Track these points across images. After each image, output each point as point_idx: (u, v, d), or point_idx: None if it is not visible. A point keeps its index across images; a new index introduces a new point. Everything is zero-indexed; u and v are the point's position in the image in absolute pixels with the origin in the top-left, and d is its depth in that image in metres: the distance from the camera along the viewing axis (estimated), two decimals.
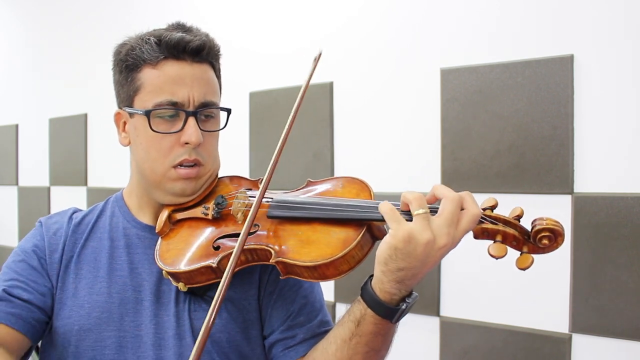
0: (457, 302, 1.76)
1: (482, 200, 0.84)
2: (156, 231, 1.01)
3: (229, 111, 1.04)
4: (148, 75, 0.97)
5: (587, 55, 1.53)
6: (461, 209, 0.79)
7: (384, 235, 0.89)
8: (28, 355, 1.00)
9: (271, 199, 0.96)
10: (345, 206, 0.88)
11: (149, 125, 0.96)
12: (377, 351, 0.87)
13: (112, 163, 2.71)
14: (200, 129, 0.97)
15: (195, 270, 0.92)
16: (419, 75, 1.82)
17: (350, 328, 0.86)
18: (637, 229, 1.46)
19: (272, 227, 0.93)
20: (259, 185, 1.05)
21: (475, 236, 0.82)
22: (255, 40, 2.23)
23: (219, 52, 1.04)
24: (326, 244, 0.86)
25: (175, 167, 0.98)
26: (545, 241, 0.79)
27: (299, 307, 1.00)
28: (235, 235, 0.94)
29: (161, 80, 0.96)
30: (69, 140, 2.97)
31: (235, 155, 2.21)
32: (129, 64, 0.98)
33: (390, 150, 1.89)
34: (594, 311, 1.52)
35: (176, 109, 0.96)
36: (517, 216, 0.82)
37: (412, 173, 1.84)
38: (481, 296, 1.71)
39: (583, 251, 1.53)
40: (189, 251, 0.96)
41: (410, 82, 1.84)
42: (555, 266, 1.56)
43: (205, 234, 0.98)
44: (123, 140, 1.05)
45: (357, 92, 1.97)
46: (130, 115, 1.00)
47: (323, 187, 0.98)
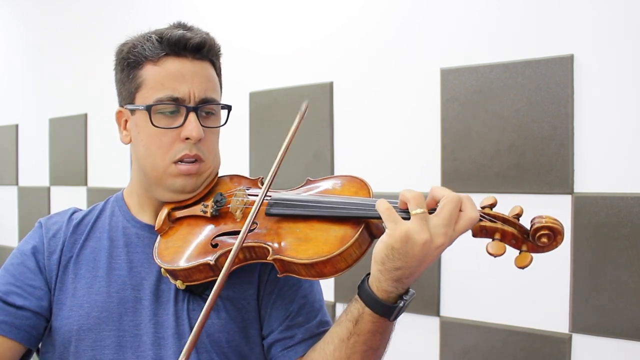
0: (457, 302, 1.76)
1: (482, 200, 0.84)
2: (155, 229, 1.01)
3: (229, 108, 1.04)
4: (149, 72, 0.97)
5: (587, 55, 1.53)
6: (459, 210, 0.79)
7: (382, 233, 0.89)
8: (28, 358, 1.00)
9: (270, 197, 0.96)
10: (343, 204, 0.88)
11: (150, 120, 0.96)
12: (375, 350, 0.87)
13: (112, 163, 2.71)
14: (201, 125, 0.97)
15: (193, 267, 0.92)
16: (419, 75, 1.82)
17: (348, 327, 0.85)
18: (637, 229, 1.46)
19: (271, 225, 0.93)
20: (259, 184, 1.05)
21: (474, 234, 0.82)
22: (255, 40, 2.23)
23: (220, 51, 1.05)
24: (324, 241, 0.86)
25: (175, 163, 0.98)
26: (544, 239, 0.78)
27: (298, 307, 1.00)
28: (234, 233, 0.94)
29: (162, 76, 0.96)
30: (69, 140, 2.97)
31: (235, 155, 2.21)
32: (130, 61, 0.99)
33: (390, 150, 1.89)
34: (594, 311, 1.51)
35: (177, 105, 0.96)
36: (517, 215, 0.81)
37: (412, 173, 1.84)
38: (481, 296, 1.71)
39: (583, 251, 1.53)
40: (187, 249, 0.96)
41: (410, 82, 1.84)
42: (555, 266, 1.56)
43: (203, 231, 0.98)
44: (124, 138, 1.05)
45: (357, 92, 1.97)
46: (132, 112, 1.01)
47: (322, 186, 0.98)
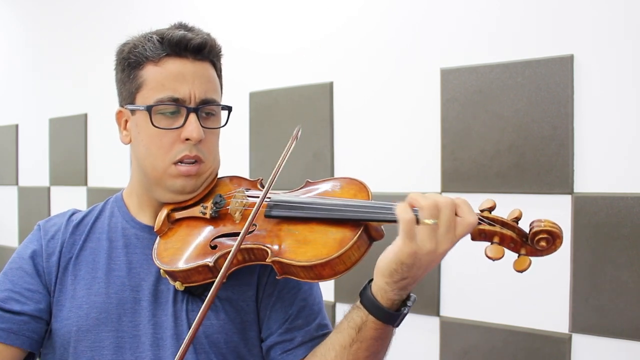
0: (457, 302, 1.76)
1: (482, 201, 0.84)
2: (155, 230, 1.01)
3: (229, 109, 1.04)
4: (150, 72, 0.97)
5: (587, 55, 1.53)
6: (457, 215, 0.78)
7: (381, 236, 0.89)
8: None
9: (269, 198, 0.95)
10: (342, 206, 0.88)
11: (150, 121, 0.96)
12: (377, 354, 0.87)
13: (112, 163, 2.71)
14: (202, 126, 0.97)
15: (192, 269, 0.92)
16: (419, 75, 1.82)
17: (351, 334, 0.86)
18: (637, 229, 1.45)
19: (270, 227, 0.93)
20: (258, 185, 1.05)
21: (473, 238, 0.82)
22: (255, 40, 2.23)
23: (220, 52, 1.05)
24: (322, 244, 0.86)
25: (175, 164, 0.98)
26: (543, 243, 0.78)
27: (297, 310, 1.00)
28: (233, 235, 0.94)
29: (163, 77, 0.96)
30: (69, 140, 2.97)
31: (235, 155, 2.21)
32: (131, 61, 0.99)
33: (390, 150, 1.89)
34: (594, 311, 1.51)
35: (177, 105, 0.96)
36: (516, 218, 0.81)
37: (412, 173, 1.84)
38: (481, 296, 1.71)
39: (583, 251, 1.53)
40: (186, 250, 0.96)
41: (410, 82, 1.84)
42: (555, 266, 1.55)
43: (203, 233, 0.98)
44: (124, 138, 1.05)
45: (357, 92, 1.97)
46: (132, 112, 1.01)
47: (321, 188, 0.98)
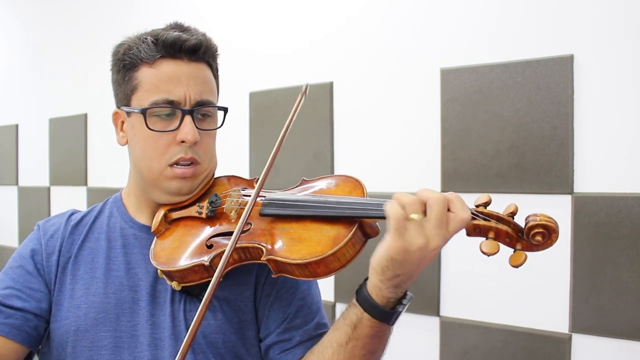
0: (457, 302, 1.75)
1: (476, 198, 0.84)
2: (152, 230, 1.01)
3: (225, 110, 1.04)
4: (145, 74, 0.97)
5: (587, 55, 1.53)
6: (448, 210, 0.78)
7: (376, 232, 0.88)
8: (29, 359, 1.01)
9: (264, 197, 0.95)
10: (337, 204, 0.88)
11: (145, 123, 0.96)
12: (374, 353, 0.87)
13: (112, 163, 2.70)
14: (197, 128, 0.97)
15: (188, 268, 0.92)
16: (419, 75, 1.82)
17: (347, 332, 0.85)
18: (637, 229, 1.45)
19: (265, 225, 0.93)
20: (255, 184, 1.05)
21: (468, 233, 0.81)
22: (255, 40, 2.23)
23: (216, 52, 1.04)
24: (317, 241, 0.86)
25: (171, 166, 0.98)
26: (538, 237, 0.77)
27: (295, 310, 1.00)
28: (229, 234, 0.94)
29: (158, 79, 0.96)
30: (69, 140, 2.97)
31: (235, 155, 2.21)
32: (126, 63, 0.98)
33: (390, 150, 1.89)
34: (594, 311, 1.51)
35: (172, 108, 0.96)
36: (511, 213, 0.80)
37: (412, 173, 1.84)
38: (481, 296, 1.71)
39: (583, 251, 1.53)
40: (182, 250, 0.96)
41: (410, 82, 1.84)
42: (555, 266, 1.55)
43: (199, 232, 0.98)
44: (121, 139, 1.05)
45: (357, 92, 1.96)
46: (128, 114, 1.01)
47: (316, 186, 0.98)
